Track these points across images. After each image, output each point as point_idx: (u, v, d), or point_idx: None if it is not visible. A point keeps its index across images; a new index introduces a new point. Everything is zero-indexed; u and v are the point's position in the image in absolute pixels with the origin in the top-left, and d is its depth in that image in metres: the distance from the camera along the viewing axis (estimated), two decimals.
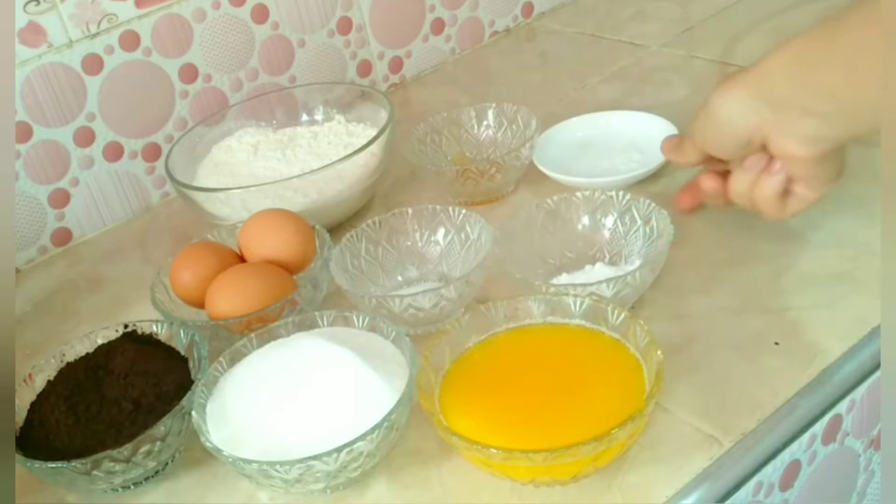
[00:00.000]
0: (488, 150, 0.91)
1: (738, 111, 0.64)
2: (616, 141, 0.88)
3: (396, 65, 1.13)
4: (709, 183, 0.71)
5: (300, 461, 0.57)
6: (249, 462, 0.58)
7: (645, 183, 0.82)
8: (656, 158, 0.82)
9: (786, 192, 0.67)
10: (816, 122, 0.61)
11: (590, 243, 0.75)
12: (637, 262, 0.72)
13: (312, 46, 1.06)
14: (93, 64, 0.92)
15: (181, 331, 0.70)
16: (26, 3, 0.87)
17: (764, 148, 0.66)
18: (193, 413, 0.62)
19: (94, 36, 0.92)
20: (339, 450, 0.57)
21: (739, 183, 0.68)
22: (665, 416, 0.62)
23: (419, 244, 0.79)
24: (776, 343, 0.66)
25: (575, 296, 0.64)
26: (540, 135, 0.87)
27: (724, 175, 0.71)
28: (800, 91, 0.60)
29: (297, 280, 0.75)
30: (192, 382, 0.66)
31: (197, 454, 0.65)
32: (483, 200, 0.85)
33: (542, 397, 0.60)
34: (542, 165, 0.84)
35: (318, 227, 0.78)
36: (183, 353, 0.70)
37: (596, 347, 0.63)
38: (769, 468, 0.63)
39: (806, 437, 0.64)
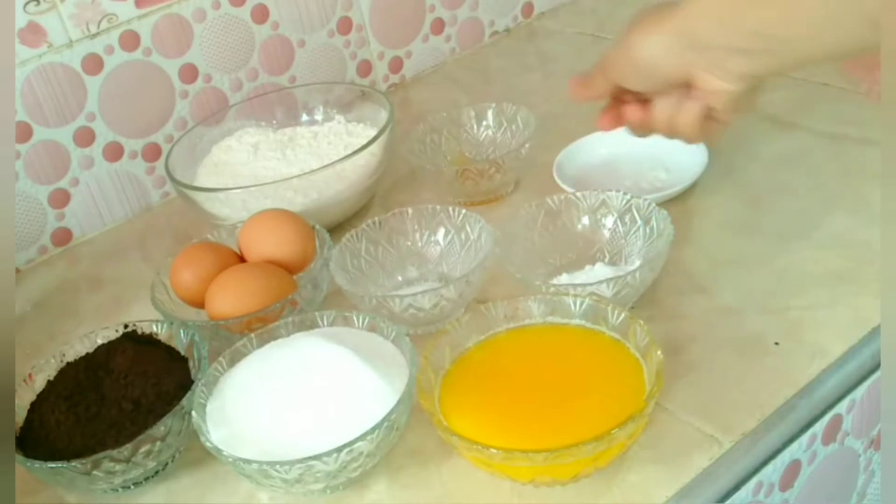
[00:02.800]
0: (488, 150, 0.91)
1: (661, 53, 0.65)
2: (641, 158, 0.85)
3: (396, 65, 1.13)
4: (634, 112, 0.72)
5: (300, 461, 0.57)
6: (249, 462, 0.58)
7: (669, 201, 0.80)
8: (683, 179, 0.80)
9: (706, 118, 0.68)
10: (744, 60, 0.62)
11: (590, 243, 0.75)
12: (637, 262, 0.72)
13: (312, 46, 1.06)
14: (93, 64, 0.92)
15: (181, 331, 0.70)
16: (26, 3, 0.87)
17: (685, 84, 0.67)
18: (193, 413, 0.62)
19: (94, 36, 0.92)
20: (339, 450, 0.57)
21: (662, 110, 0.70)
22: (665, 416, 0.62)
23: (419, 244, 0.79)
24: (776, 343, 0.66)
25: (575, 296, 0.64)
26: (561, 148, 0.86)
27: (645, 103, 0.72)
28: (730, 31, 0.61)
29: (297, 280, 0.75)
30: (192, 382, 0.66)
31: (197, 454, 0.65)
32: (483, 200, 0.85)
33: (542, 397, 0.60)
34: (563, 183, 0.82)
35: (318, 227, 0.78)
36: (183, 353, 0.70)
37: (596, 347, 0.63)
38: (769, 468, 0.63)
39: (806, 437, 0.64)
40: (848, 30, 0.56)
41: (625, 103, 0.73)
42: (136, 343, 0.70)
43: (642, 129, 0.73)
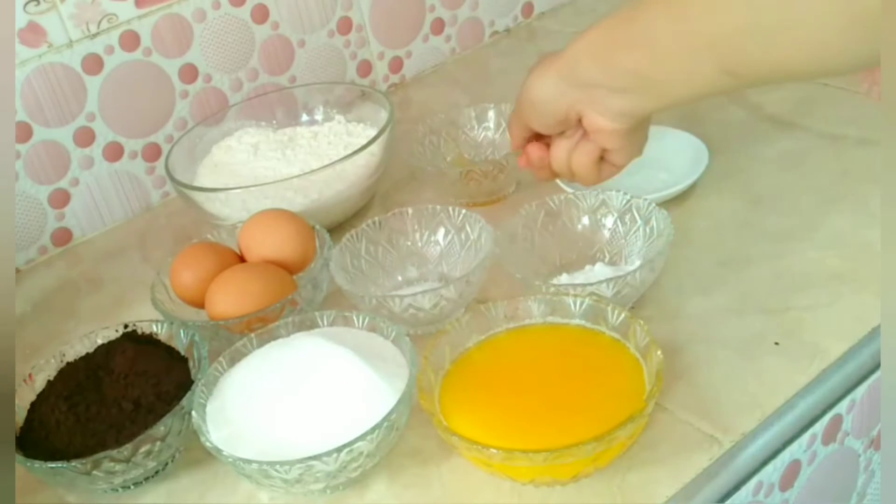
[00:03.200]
0: (486, 150, 0.91)
1: (551, 93, 0.68)
2: (641, 158, 0.84)
3: (396, 65, 1.13)
4: (534, 151, 0.74)
5: (300, 461, 0.57)
6: (249, 462, 0.58)
7: (669, 201, 0.80)
8: (683, 179, 0.81)
9: (600, 160, 0.71)
10: (622, 99, 0.65)
11: (590, 243, 0.75)
12: (637, 262, 0.72)
13: (312, 46, 1.06)
14: (93, 64, 0.92)
15: (181, 331, 0.70)
16: (26, 3, 0.87)
17: (580, 122, 0.69)
18: (193, 413, 0.62)
19: (94, 36, 0.92)
20: (339, 450, 0.57)
21: (559, 150, 0.72)
22: (665, 416, 0.62)
23: (419, 244, 0.79)
24: (776, 343, 0.66)
25: (575, 296, 0.64)
26: None
27: (548, 144, 0.74)
28: (605, 72, 0.64)
29: (297, 280, 0.75)
30: (192, 382, 0.66)
31: (197, 454, 0.65)
32: (485, 201, 0.85)
33: (543, 397, 0.60)
34: (563, 183, 0.81)
35: (318, 227, 0.78)
36: (183, 353, 0.70)
37: (596, 347, 0.63)
38: (769, 468, 0.63)
39: (806, 437, 0.64)
40: (706, 77, 0.60)
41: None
42: (136, 343, 0.70)
43: (544, 171, 0.75)
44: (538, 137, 0.74)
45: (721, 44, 0.57)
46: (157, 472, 0.66)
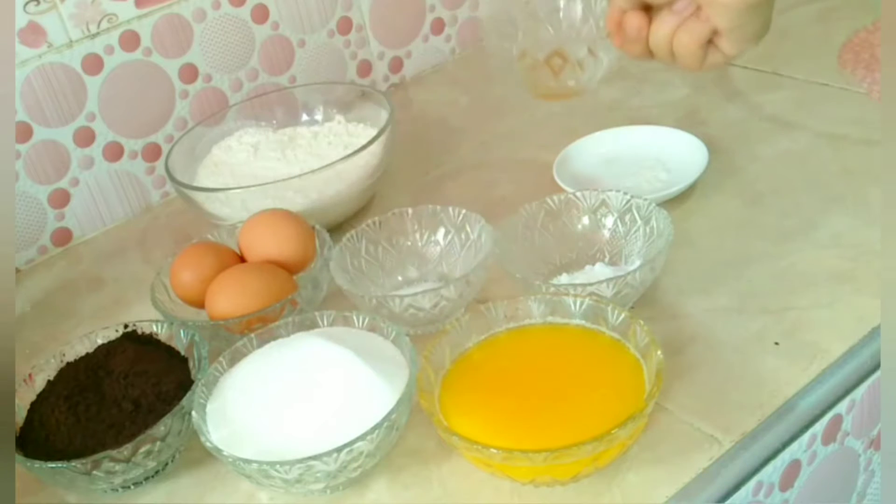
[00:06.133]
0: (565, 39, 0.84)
1: None
2: (642, 157, 0.85)
3: (396, 65, 1.13)
4: (633, 19, 0.66)
5: (300, 461, 0.57)
6: (249, 462, 0.58)
7: (669, 201, 0.80)
8: (683, 179, 0.80)
9: (708, 44, 0.64)
10: None
11: (590, 243, 0.75)
12: (637, 262, 0.72)
13: (312, 46, 1.06)
14: (93, 64, 0.92)
15: (181, 331, 0.70)
16: (26, 3, 0.87)
17: None
18: (193, 413, 0.62)
19: (94, 36, 0.92)
20: (339, 450, 0.57)
21: (663, 25, 0.65)
22: (665, 416, 0.62)
23: (419, 244, 0.79)
24: (776, 343, 0.66)
25: (575, 296, 0.64)
26: (562, 148, 0.85)
27: (649, 14, 0.67)
28: None
29: (297, 280, 0.75)
30: (192, 382, 0.66)
31: (197, 454, 0.65)
32: (562, 94, 0.77)
33: (543, 397, 0.60)
34: (562, 182, 0.82)
35: (318, 227, 0.78)
36: (183, 353, 0.70)
37: (596, 347, 0.63)
38: (769, 468, 0.63)
39: (806, 437, 0.64)
40: None
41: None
42: (136, 343, 0.70)
43: (639, 47, 0.67)
44: (644, 12, 0.66)
45: None
46: (157, 472, 0.66)
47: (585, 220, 0.76)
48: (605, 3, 0.81)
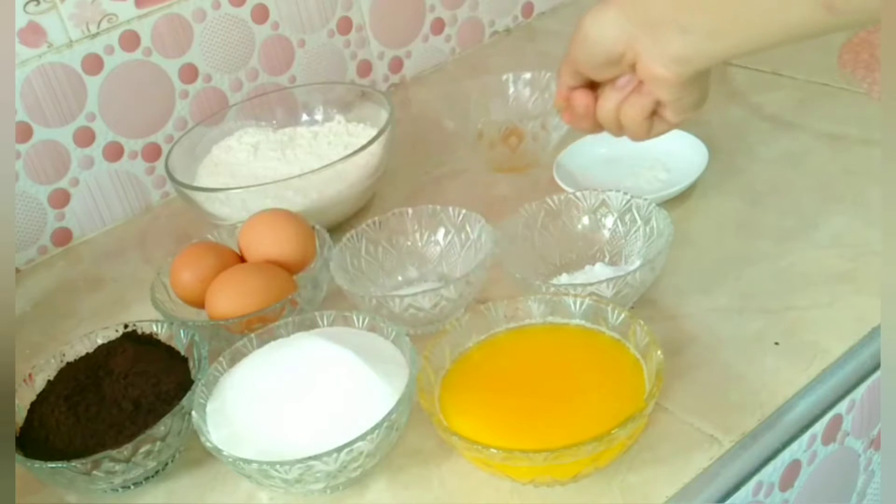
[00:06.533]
0: (519, 114, 0.87)
1: (608, 30, 0.63)
2: (642, 158, 0.85)
3: (396, 65, 1.13)
4: (580, 98, 0.69)
5: (300, 461, 0.57)
6: (249, 462, 0.58)
7: (669, 201, 0.80)
8: (683, 179, 0.80)
9: (652, 114, 0.66)
10: (687, 40, 0.59)
11: (590, 243, 0.75)
12: (637, 262, 0.72)
13: (312, 46, 1.06)
14: (93, 64, 0.92)
15: (181, 331, 0.70)
16: (26, 3, 0.87)
17: (634, 69, 0.64)
18: (193, 413, 0.62)
19: (94, 36, 0.92)
20: (339, 450, 0.57)
21: (608, 101, 0.67)
22: (665, 416, 0.62)
23: (419, 244, 0.79)
24: (776, 343, 0.66)
25: (575, 296, 0.64)
26: (562, 148, 0.85)
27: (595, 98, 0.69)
28: (676, 7, 0.59)
29: (297, 280, 0.75)
30: (192, 382, 0.66)
31: (197, 454, 0.65)
32: (521, 166, 0.79)
33: (543, 397, 0.60)
34: (562, 182, 0.82)
35: (318, 227, 0.78)
36: (183, 353, 0.70)
37: (596, 347, 0.63)
38: (769, 468, 0.63)
39: (806, 437, 0.64)
40: (801, 11, 0.54)
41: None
42: (136, 343, 0.70)
43: (588, 122, 0.70)
44: (589, 89, 0.69)
45: None
46: (157, 472, 0.66)
47: (585, 220, 0.76)
48: (552, 80, 0.85)
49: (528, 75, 0.88)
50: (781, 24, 0.56)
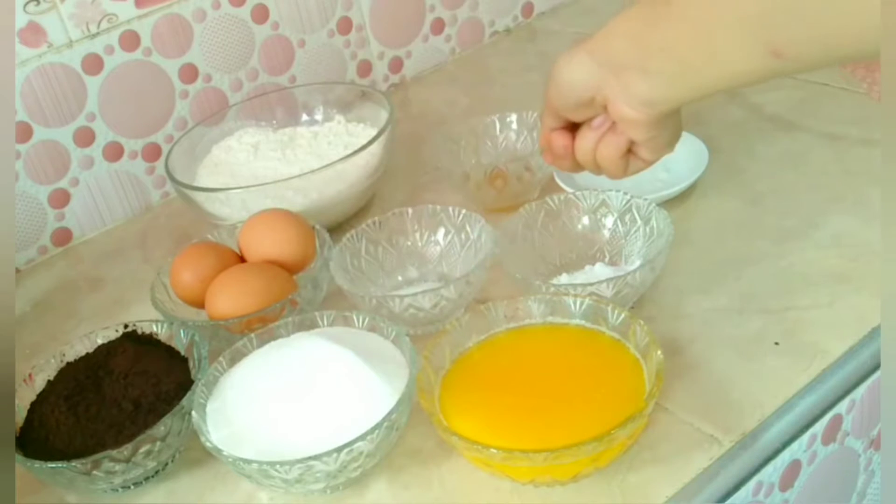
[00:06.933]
0: (505, 159, 0.89)
1: (578, 74, 0.65)
2: None
3: (396, 65, 1.13)
4: (558, 139, 0.71)
5: (300, 461, 0.57)
6: (249, 462, 0.58)
7: (669, 201, 0.80)
8: (683, 179, 0.80)
9: (628, 153, 0.68)
10: (651, 84, 0.61)
11: (590, 243, 0.75)
12: (637, 262, 0.72)
13: (312, 46, 1.06)
14: (93, 64, 0.92)
15: (181, 331, 0.70)
16: (26, 3, 0.87)
17: (607, 109, 0.66)
18: (193, 413, 0.62)
19: (94, 36, 0.92)
20: (339, 450, 0.57)
21: (585, 141, 0.69)
22: (665, 416, 0.62)
23: (419, 244, 0.79)
24: (776, 343, 0.66)
25: (575, 296, 0.64)
26: None
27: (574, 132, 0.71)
28: (638, 52, 0.61)
29: (297, 280, 0.75)
30: (192, 382, 0.66)
31: (197, 454, 0.65)
32: (509, 206, 0.81)
33: (543, 397, 0.60)
34: (562, 182, 0.82)
35: (318, 227, 0.78)
36: (183, 353, 0.70)
37: (596, 347, 0.63)
38: (769, 468, 0.63)
39: (806, 437, 0.64)
40: (750, 57, 0.56)
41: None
42: (136, 343, 0.70)
43: (568, 162, 0.72)
44: (569, 131, 0.71)
45: (769, 18, 0.53)
46: (157, 472, 0.66)
47: (585, 220, 0.76)
48: (539, 120, 0.86)
49: (513, 116, 0.90)
50: (732, 70, 0.58)
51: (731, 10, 0.56)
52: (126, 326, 0.72)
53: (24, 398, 0.68)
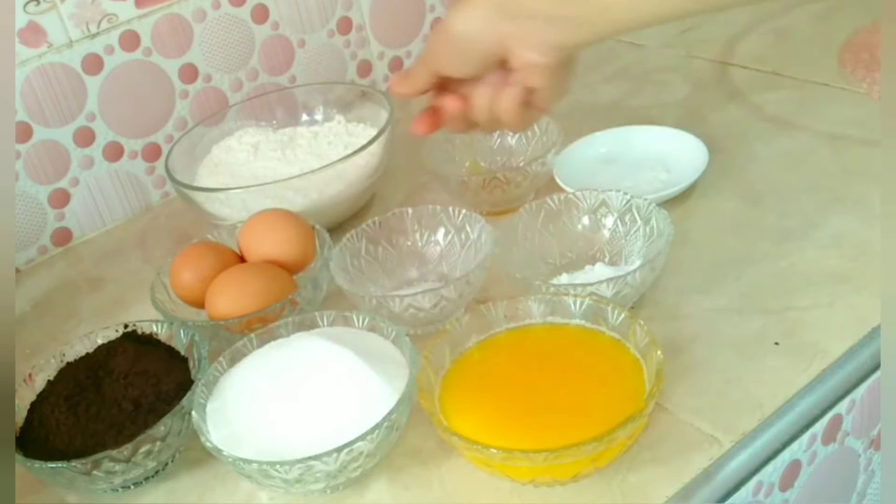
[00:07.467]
0: (502, 158, 0.89)
1: (479, 26, 0.64)
2: (642, 158, 0.85)
3: (396, 65, 1.13)
4: (451, 103, 0.70)
5: (300, 461, 0.57)
6: (249, 462, 0.58)
7: (669, 201, 0.79)
8: (683, 179, 0.80)
9: (525, 103, 0.68)
10: (558, 28, 0.62)
11: (590, 243, 0.75)
12: (637, 262, 0.72)
13: (312, 46, 1.06)
14: (93, 64, 0.92)
15: (181, 331, 0.70)
16: (26, 3, 0.87)
17: (502, 64, 0.66)
18: (193, 413, 0.62)
19: (94, 36, 0.92)
20: (339, 450, 0.57)
21: (481, 97, 0.68)
22: (665, 416, 0.62)
23: (419, 244, 0.79)
24: (776, 343, 0.66)
25: (575, 296, 0.64)
26: (562, 148, 0.85)
27: (464, 98, 0.70)
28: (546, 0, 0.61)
29: (297, 280, 0.75)
30: (192, 382, 0.66)
31: (197, 454, 0.65)
32: (505, 209, 0.82)
33: (543, 397, 0.60)
34: (562, 182, 0.82)
35: (318, 227, 0.78)
36: (183, 353, 0.70)
37: (596, 347, 0.63)
38: (769, 468, 0.63)
39: (806, 437, 0.64)
40: None
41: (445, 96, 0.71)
42: (136, 343, 0.70)
43: (462, 123, 0.71)
44: (440, 90, 0.70)
45: None
46: (157, 472, 0.66)
47: (585, 220, 0.76)
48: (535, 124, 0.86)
49: None
50: (649, 9, 0.59)
51: None
52: (126, 326, 0.72)
53: (24, 398, 0.68)
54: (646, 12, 0.60)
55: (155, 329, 0.71)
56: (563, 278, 0.73)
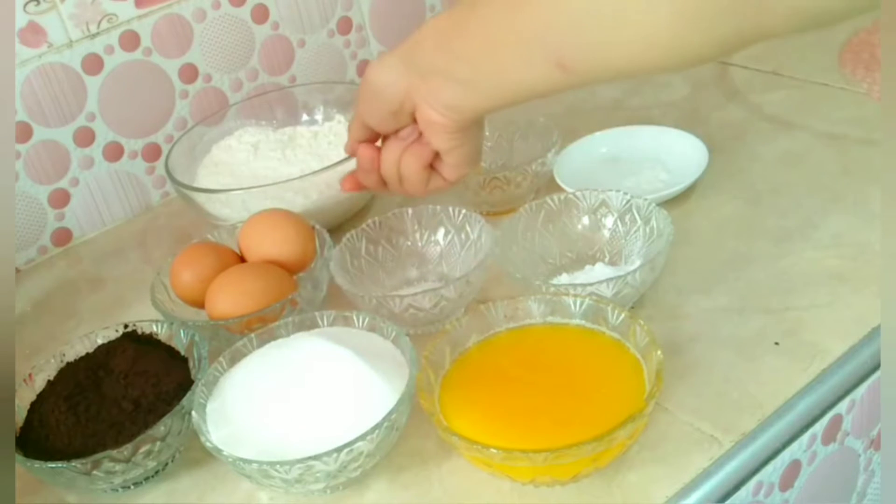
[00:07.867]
0: (502, 159, 0.90)
1: (389, 77, 0.65)
2: (642, 158, 0.85)
3: None
4: (365, 152, 0.71)
5: (300, 461, 0.57)
6: (249, 462, 0.58)
7: (669, 201, 0.80)
8: (683, 179, 0.80)
9: (430, 168, 0.69)
10: (456, 90, 0.62)
11: (590, 243, 0.75)
12: (637, 262, 0.72)
13: (312, 46, 1.06)
14: (93, 64, 0.92)
15: (181, 331, 0.70)
16: (26, 3, 0.87)
17: (415, 119, 0.66)
18: (193, 413, 0.62)
19: (94, 36, 0.92)
20: (339, 450, 0.57)
21: (391, 152, 0.69)
22: (665, 416, 0.62)
23: (419, 244, 0.79)
24: (776, 343, 0.66)
25: (575, 296, 0.64)
26: (562, 148, 0.85)
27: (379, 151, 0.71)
28: (444, 58, 0.61)
29: (297, 280, 0.75)
30: (192, 382, 0.66)
31: (197, 454, 0.65)
32: (505, 210, 0.82)
33: (543, 397, 0.60)
34: (562, 182, 0.82)
35: (318, 227, 0.78)
36: (183, 353, 0.70)
37: (596, 347, 0.63)
38: (769, 468, 0.63)
39: (806, 437, 0.64)
40: (537, 70, 0.57)
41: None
42: (136, 343, 0.70)
43: (372, 175, 0.72)
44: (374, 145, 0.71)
45: (553, 34, 0.55)
46: (157, 472, 0.66)
47: (585, 220, 0.76)
48: (532, 123, 0.87)
49: (509, 117, 0.89)
50: (521, 82, 0.59)
51: (518, 25, 0.57)
52: (126, 326, 0.72)
53: (24, 398, 0.68)
54: (519, 81, 0.59)
55: (155, 329, 0.72)
56: (563, 278, 0.73)
